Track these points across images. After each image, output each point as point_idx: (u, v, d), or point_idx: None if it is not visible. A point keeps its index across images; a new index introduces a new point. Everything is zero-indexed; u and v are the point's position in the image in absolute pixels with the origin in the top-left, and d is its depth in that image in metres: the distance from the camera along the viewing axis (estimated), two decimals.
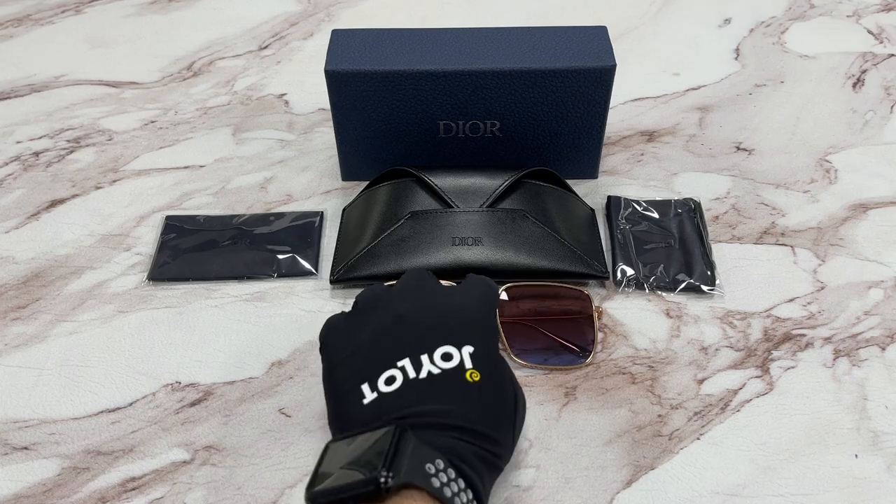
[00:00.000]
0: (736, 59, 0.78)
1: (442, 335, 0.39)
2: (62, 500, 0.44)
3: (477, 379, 0.37)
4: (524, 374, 0.50)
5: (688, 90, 0.74)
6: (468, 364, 0.38)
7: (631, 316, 0.53)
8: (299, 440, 0.47)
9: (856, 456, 0.45)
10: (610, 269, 0.57)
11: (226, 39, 0.82)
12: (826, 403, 0.48)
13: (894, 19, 0.83)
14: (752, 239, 0.59)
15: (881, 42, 0.79)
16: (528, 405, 0.48)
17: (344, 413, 0.38)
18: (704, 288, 0.55)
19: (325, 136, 0.69)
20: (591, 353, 0.50)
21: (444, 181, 0.57)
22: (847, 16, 0.83)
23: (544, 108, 0.58)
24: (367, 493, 0.31)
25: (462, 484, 0.34)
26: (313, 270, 0.57)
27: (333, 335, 0.41)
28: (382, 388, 0.37)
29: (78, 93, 0.75)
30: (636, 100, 0.73)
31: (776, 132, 0.69)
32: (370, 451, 0.33)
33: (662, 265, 0.56)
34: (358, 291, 0.44)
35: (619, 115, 0.71)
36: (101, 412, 0.49)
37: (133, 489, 0.45)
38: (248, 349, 0.52)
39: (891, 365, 0.50)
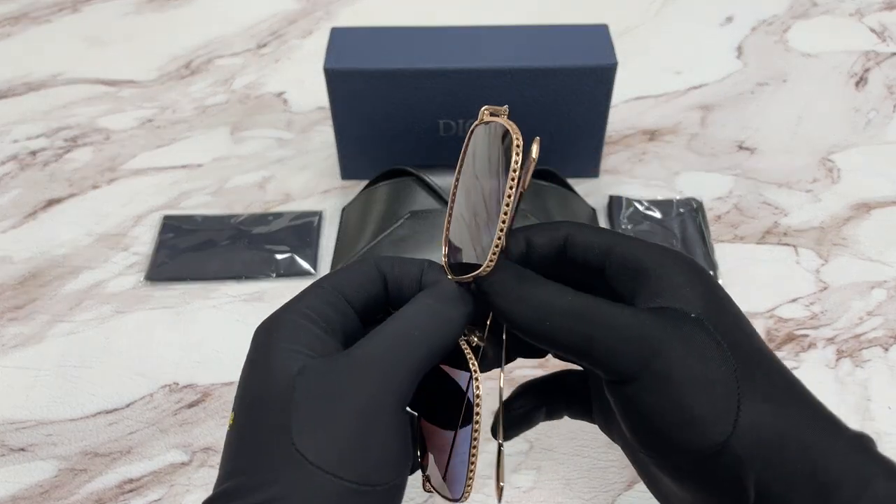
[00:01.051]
0: (738, 57, 0.77)
1: None
2: (60, 502, 0.44)
3: None
4: (523, 374, 0.49)
5: (689, 89, 0.73)
6: None
7: None
8: None
9: None
10: None
11: (224, 38, 0.81)
12: (829, 404, 0.48)
13: None
14: (754, 239, 0.59)
15: (884, 41, 0.79)
16: None
17: None
18: None
19: (324, 135, 0.69)
20: None
21: (444, 180, 0.56)
22: (849, 14, 0.83)
23: (545, 107, 0.58)
24: None
25: None
26: (312, 270, 0.57)
27: None
28: None
29: (75, 91, 0.75)
30: (637, 98, 0.72)
31: (778, 131, 0.69)
32: None
33: None
34: None
35: (621, 114, 0.70)
36: (99, 413, 0.48)
37: (131, 491, 0.44)
38: (247, 350, 0.52)
39: (894, 365, 0.50)
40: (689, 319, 0.28)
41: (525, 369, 0.50)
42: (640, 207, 0.60)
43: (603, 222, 0.60)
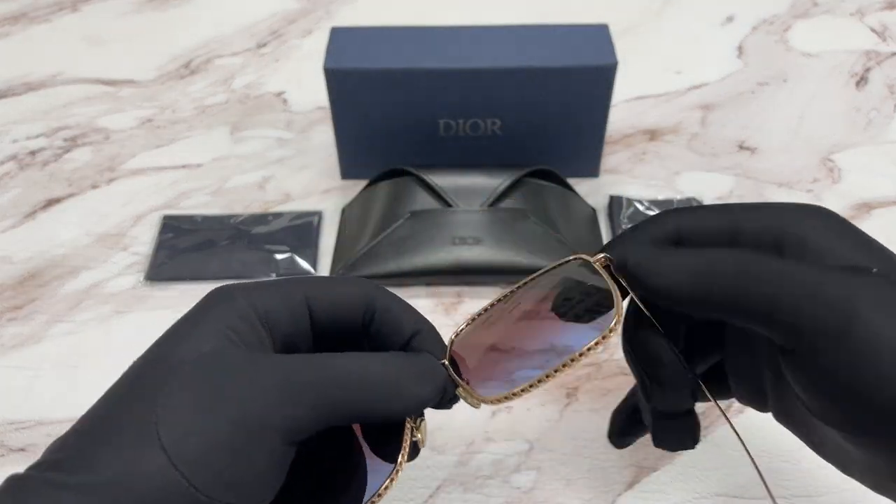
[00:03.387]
0: (738, 57, 0.77)
1: None
2: None
3: None
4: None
5: (690, 88, 0.73)
6: None
7: None
8: None
9: None
10: None
11: (223, 37, 0.81)
12: None
13: None
14: None
15: (884, 40, 0.79)
16: (529, 406, 0.48)
17: None
18: None
19: (324, 135, 0.68)
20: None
21: (444, 180, 0.56)
22: (850, 14, 0.83)
23: (545, 107, 0.58)
24: None
25: None
26: (312, 271, 0.57)
27: None
28: None
29: (75, 91, 0.74)
30: (638, 98, 0.72)
31: (779, 131, 0.69)
32: None
33: None
34: None
35: (621, 114, 0.70)
36: None
37: None
38: None
39: None
40: (873, 275, 0.25)
41: None
42: (641, 207, 0.60)
43: (603, 222, 0.60)
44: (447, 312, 0.54)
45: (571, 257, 0.31)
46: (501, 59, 0.56)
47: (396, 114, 0.58)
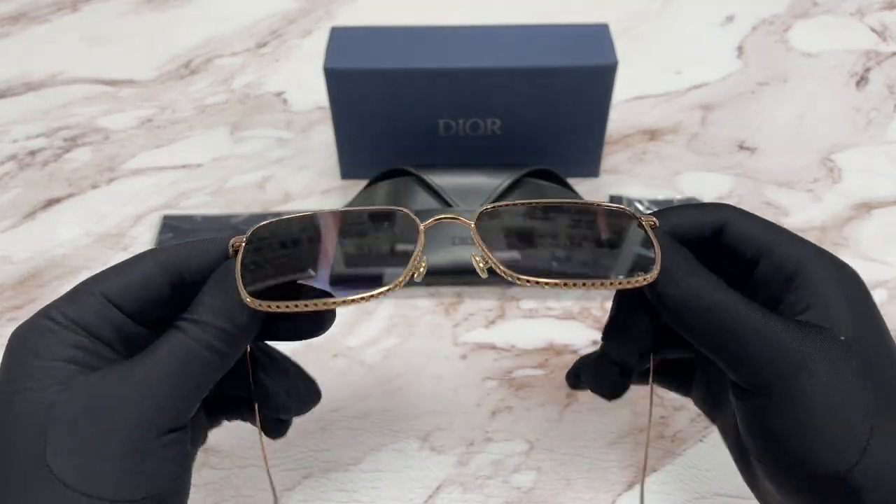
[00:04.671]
0: (738, 57, 0.77)
1: None
2: None
3: None
4: (524, 374, 0.49)
5: (690, 88, 0.73)
6: None
7: None
8: (298, 442, 0.46)
9: None
10: None
11: (223, 37, 0.81)
12: None
13: None
14: None
15: (885, 40, 0.79)
16: (529, 406, 0.48)
17: None
18: None
19: (324, 135, 0.69)
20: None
21: (444, 180, 0.56)
22: (850, 14, 0.83)
23: (545, 107, 0.58)
24: None
25: None
26: None
27: None
28: None
29: (74, 91, 0.74)
30: (638, 98, 0.72)
31: (779, 131, 0.69)
32: None
33: None
34: None
35: (621, 114, 0.70)
36: None
37: None
38: None
39: None
40: (838, 343, 0.27)
41: (527, 369, 0.50)
42: (641, 207, 0.60)
43: None
44: (447, 312, 0.54)
45: (621, 207, 0.32)
46: (501, 59, 0.56)
47: (396, 114, 0.58)
